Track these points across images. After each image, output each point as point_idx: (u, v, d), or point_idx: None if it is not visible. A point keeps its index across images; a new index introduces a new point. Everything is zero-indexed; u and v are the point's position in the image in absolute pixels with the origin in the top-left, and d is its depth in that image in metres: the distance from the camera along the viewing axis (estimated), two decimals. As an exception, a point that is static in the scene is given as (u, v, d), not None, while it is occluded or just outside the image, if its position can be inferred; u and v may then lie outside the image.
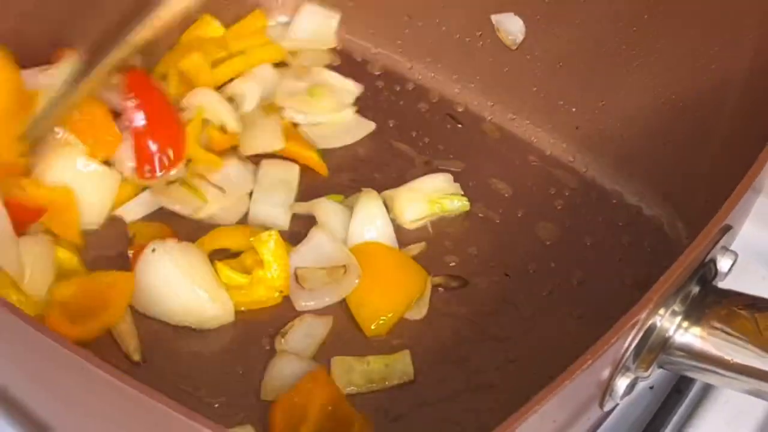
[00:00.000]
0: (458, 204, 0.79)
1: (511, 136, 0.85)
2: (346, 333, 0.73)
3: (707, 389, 0.71)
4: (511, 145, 0.84)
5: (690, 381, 0.70)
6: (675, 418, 0.70)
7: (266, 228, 0.75)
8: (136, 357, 0.70)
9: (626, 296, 0.68)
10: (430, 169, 0.83)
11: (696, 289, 0.56)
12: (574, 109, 0.81)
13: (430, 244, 0.78)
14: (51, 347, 0.48)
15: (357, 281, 0.73)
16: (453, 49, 0.87)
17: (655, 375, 0.67)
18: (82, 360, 0.46)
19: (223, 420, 0.67)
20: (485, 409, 0.69)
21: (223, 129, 0.81)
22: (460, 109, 0.87)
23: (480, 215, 0.80)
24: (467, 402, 0.70)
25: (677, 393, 0.70)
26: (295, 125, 0.85)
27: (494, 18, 0.83)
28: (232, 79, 0.86)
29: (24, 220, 0.73)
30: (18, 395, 0.58)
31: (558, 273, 0.76)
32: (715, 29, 0.71)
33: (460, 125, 0.86)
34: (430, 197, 0.79)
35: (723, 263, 0.57)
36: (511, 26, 0.82)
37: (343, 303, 0.74)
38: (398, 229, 0.78)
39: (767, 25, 0.67)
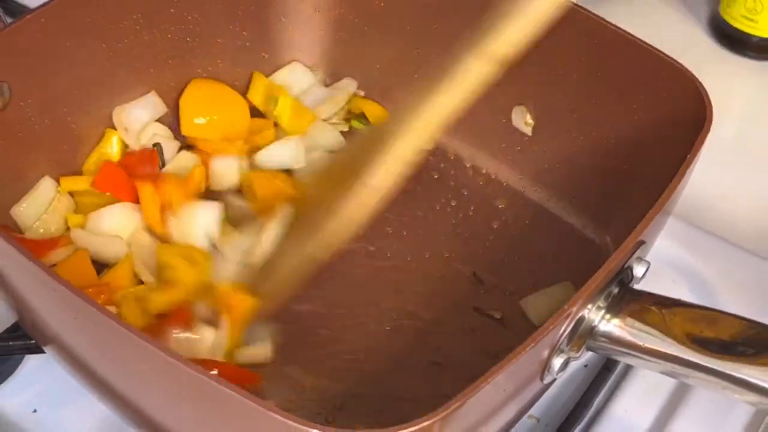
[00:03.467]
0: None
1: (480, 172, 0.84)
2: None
3: (629, 368, 0.72)
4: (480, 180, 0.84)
5: (616, 362, 0.71)
6: (604, 390, 0.71)
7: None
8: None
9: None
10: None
11: (616, 290, 0.58)
12: (534, 149, 0.81)
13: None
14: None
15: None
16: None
17: (587, 356, 0.69)
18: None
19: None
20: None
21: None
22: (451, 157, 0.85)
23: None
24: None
25: (606, 371, 0.71)
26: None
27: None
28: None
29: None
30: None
31: (515, 278, 0.76)
32: (633, 91, 0.72)
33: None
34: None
35: (638, 270, 0.59)
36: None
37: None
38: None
39: (676, 88, 0.68)
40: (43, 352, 0.66)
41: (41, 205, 0.73)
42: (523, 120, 0.80)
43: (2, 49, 0.68)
